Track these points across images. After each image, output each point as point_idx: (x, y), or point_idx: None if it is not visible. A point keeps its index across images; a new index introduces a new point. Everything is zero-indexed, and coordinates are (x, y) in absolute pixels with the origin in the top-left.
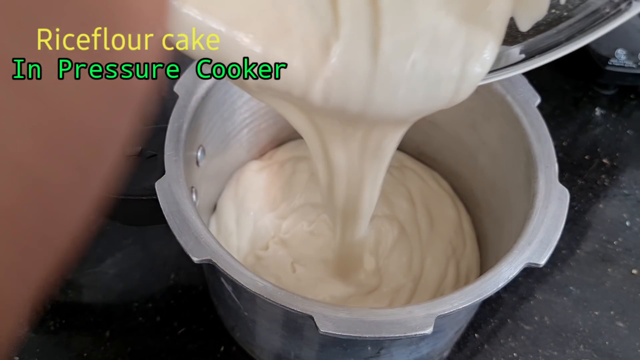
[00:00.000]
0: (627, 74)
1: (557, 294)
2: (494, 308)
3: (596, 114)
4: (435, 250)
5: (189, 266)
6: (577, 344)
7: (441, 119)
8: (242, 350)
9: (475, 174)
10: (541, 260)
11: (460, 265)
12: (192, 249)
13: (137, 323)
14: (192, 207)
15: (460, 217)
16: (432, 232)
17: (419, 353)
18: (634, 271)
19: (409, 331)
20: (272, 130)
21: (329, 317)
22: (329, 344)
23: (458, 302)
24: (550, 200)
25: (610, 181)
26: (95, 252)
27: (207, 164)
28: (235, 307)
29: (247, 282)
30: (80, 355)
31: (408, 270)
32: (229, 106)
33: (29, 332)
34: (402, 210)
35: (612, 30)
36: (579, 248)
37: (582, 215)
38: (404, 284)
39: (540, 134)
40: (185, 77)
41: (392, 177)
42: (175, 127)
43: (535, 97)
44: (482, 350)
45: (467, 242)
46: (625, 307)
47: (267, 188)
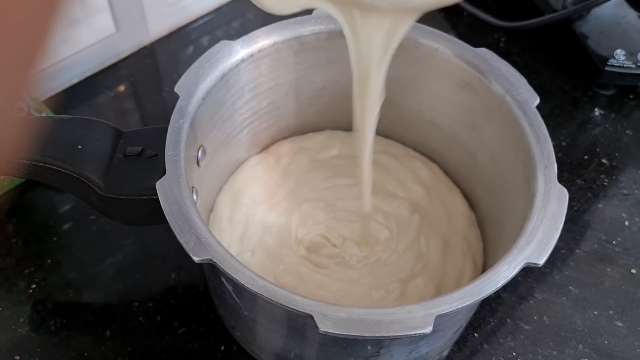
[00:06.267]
0: (627, 74)
1: (556, 294)
2: (494, 307)
3: (595, 114)
4: (453, 243)
5: (190, 266)
6: (576, 344)
7: (441, 119)
8: (242, 350)
9: (474, 174)
10: (540, 260)
11: (476, 263)
12: (192, 249)
13: (138, 323)
14: (192, 207)
15: (469, 212)
16: (449, 224)
17: (418, 352)
18: (633, 271)
19: (408, 330)
20: (273, 130)
21: (329, 316)
22: (329, 343)
23: (457, 301)
24: (549, 200)
25: (610, 181)
26: (95, 252)
27: (207, 164)
28: (236, 307)
29: (247, 281)
30: (81, 355)
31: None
32: (230, 106)
33: (29, 331)
34: (419, 196)
35: (612, 31)
36: (578, 248)
37: (581, 215)
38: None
39: (539, 134)
40: (185, 77)
41: (402, 165)
42: (175, 127)
43: (534, 98)
44: (482, 349)
45: (479, 239)
46: (624, 307)
47: (262, 178)
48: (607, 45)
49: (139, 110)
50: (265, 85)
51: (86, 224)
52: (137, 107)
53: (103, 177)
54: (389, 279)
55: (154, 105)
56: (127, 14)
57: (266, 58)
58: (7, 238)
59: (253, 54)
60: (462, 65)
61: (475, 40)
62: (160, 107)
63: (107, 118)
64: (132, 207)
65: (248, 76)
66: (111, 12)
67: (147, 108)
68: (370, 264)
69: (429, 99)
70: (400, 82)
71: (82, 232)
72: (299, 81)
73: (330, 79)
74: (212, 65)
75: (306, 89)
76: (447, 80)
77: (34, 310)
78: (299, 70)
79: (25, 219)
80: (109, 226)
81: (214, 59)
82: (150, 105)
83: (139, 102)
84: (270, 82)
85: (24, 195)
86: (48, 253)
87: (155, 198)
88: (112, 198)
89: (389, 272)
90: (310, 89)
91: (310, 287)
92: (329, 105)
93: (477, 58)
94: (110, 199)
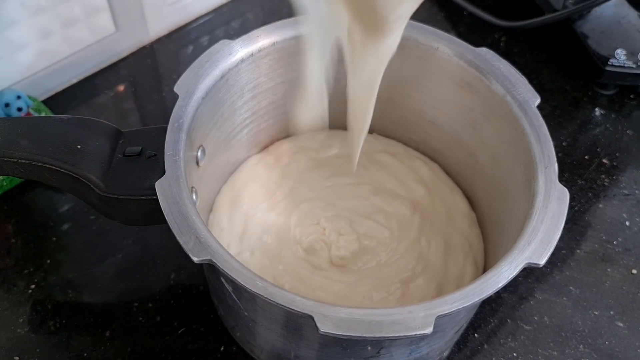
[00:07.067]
0: (627, 74)
1: (556, 294)
2: (494, 308)
3: (596, 114)
4: (455, 243)
5: (189, 266)
6: (577, 344)
7: (441, 119)
8: (242, 350)
9: (475, 174)
10: (541, 260)
11: (477, 263)
12: (192, 249)
13: (137, 323)
14: (192, 207)
15: (470, 211)
16: (450, 224)
17: (418, 353)
18: (633, 271)
19: (409, 331)
20: (272, 130)
21: (329, 317)
22: (329, 344)
23: (458, 302)
24: (550, 200)
25: (610, 181)
26: (95, 252)
27: (207, 164)
28: (236, 307)
29: (247, 282)
30: (81, 355)
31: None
32: (229, 106)
33: (28, 332)
34: (420, 196)
35: (612, 31)
36: (578, 248)
37: (581, 215)
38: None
39: (540, 134)
40: (185, 76)
41: (402, 165)
42: (175, 127)
43: (535, 97)
44: (482, 350)
45: (480, 238)
46: (625, 307)
47: (262, 178)
48: (608, 45)
49: (139, 110)
50: (265, 85)
51: (86, 224)
52: (136, 107)
53: (102, 177)
54: (390, 280)
55: (154, 105)
56: (127, 13)
57: (266, 58)
58: (6, 238)
59: (253, 53)
60: (462, 65)
61: (476, 40)
62: (159, 107)
63: (106, 118)
64: (132, 207)
65: (248, 76)
66: (111, 12)
67: (146, 108)
68: (371, 264)
69: (429, 99)
70: (401, 82)
71: (81, 232)
72: (299, 81)
73: (330, 79)
74: (212, 65)
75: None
76: (448, 80)
77: (33, 311)
78: (299, 70)
79: (25, 219)
80: (109, 226)
81: (214, 59)
82: (149, 105)
83: (138, 102)
84: (270, 81)
85: (24, 195)
86: (47, 253)
87: (154, 198)
88: (112, 198)
89: (390, 273)
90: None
91: (310, 289)
92: (328, 105)
93: (478, 58)
94: (110, 199)
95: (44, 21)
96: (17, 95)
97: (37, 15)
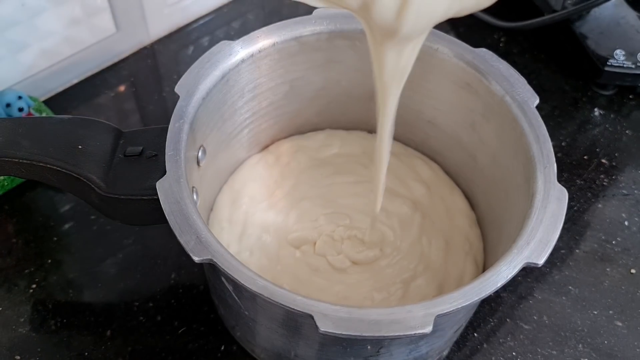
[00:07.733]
0: (626, 74)
1: (556, 294)
2: (493, 307)
3: (595, 114)
4: (455, 243)
5: (190, 266)
6: (576, 344)
7: (440, 119)
8: (242, 350)
9: (474, 174)
10: (540, 259)
11: (477, 262)
12: (192, 249)
13: (138, 322)
14: (192, 207)
15: (470, 211)
16: (451, 223)
17: (418, 352)
18: (632, 271)
19: (408, 330)
20: (273, 130)
21: (329, 316)
22: (328, 343)
23: (457, 301)
24: (549, 200)
25: (609, 181)
26: (95, 252)
27: (208, 164)
28: (236, 307)
29: (247, 281)
30: (81, 354)
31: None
32: (230, 106)
33: (29, 331)
34: (421, 195)
35: (611, 31)
36: (577, 248)
37: (581, 215)
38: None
39: (539, 134)
40: (185, 77)
41: (402, 164)
42: (176, 127)
43: (534, 98)
44: (481, 349)
45: (480, 238)
46: (624, 307)
47: (262, 177)
48: (607, 46)
49: (139, 111)
50: (265, 86)
51: (86, 224)
52: (137, 107)
53: (103, 177)
54: (392, 280)
55: (154, 106)
56: (127, 14)
57: (266, 58)
58: (7, 238)
59: (253, 54)
60: (462, 65)
61: (475, 40)
62: (160, 107)
63: (107, 118)
64: (133, 207)
65: (248, 76)
66: (111, 12)
67: (147, 108)
68: (372, 264)
69: (429, 99)
70: None
71: (82, 232)
72: (299, 81)
73: (330, 79)
74: (213, 65)
75: (306, 89)
76: (447, 81)
77: (34, 310)
78: (299, 71)
79: (26, 219)
80: (109, 226)
81: (214, 59)
82: (150, 106)
83: (139, 102)
84: (270, 82)
85: (24, 195)
86: (48, 253)
87: (155, 198)
88: (113, 198)
89: (392, 273)
90: (311, 89)
91: (309, 290)
92: (329, 106)
93: (477, 58)
94: (111, 199)
95: (44, 22)
96: (18, 96)
97: (38, 15)
